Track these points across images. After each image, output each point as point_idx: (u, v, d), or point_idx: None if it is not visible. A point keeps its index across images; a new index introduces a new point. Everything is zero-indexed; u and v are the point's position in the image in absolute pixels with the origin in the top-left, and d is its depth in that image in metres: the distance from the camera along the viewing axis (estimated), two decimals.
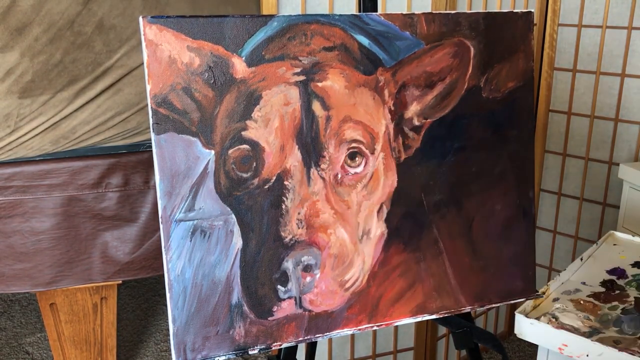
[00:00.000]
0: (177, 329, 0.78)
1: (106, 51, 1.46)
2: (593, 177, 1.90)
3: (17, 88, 1.37)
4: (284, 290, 0.82)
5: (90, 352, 1.65)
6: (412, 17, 0.84)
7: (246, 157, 0.78)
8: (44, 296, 1.55)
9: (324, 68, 0.80)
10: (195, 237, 0.78)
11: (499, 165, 0.93)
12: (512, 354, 2.02)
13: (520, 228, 0.96)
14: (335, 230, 0.83)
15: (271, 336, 0.82)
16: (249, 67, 0.77)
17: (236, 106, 0.77)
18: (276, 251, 0.81)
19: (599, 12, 1.79)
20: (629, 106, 1.79)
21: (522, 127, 0.94)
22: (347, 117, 0.82)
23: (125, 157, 1.52)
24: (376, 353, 1.78)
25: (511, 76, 0.92)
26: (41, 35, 1.37)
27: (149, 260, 1.58)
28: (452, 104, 0.88)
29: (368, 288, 0.86)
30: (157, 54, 0.73)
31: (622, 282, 1.07)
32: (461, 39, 0.87)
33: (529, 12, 0.92)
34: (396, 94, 0.85)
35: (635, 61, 1.76)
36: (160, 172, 0.75)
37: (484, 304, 0.94)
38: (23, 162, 1.44)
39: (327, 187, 0.82)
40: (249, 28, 0.76)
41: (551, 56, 1.88)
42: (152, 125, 0.74)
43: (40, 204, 1.45)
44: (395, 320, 0.88)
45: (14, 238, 1.45)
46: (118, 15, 1.47)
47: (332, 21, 0.80)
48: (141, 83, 1.50)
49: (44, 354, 2.08)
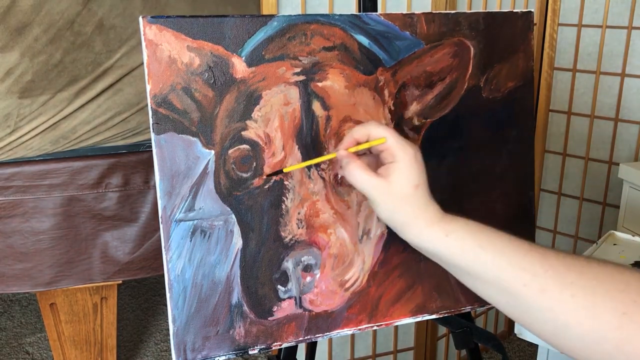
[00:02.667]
0: (177, 329, 0.78)
1: (106, 51, 1.46)
2: (593, 177, 1.90)
3: (17, 88, 1.37)
4: (284, 290, 0.82)
5: (90, 352, 1.65)
6: (412, 17, 0.84)
7: (246, 157, 0.78)
8: (44, 296, 1.55)
9: (324, 68, 0.80)
10: (195, 237, 0.78)
11: (499, 165, 0.93)
12: (512, 354, 2.02)
13: (520, 228, 0.96)
14: (335, 230, 0.83)
15: (271, 336, 0.82)
16: (249, 67, 0.77)
17: (236, 106, 0.77)
18: (276, 251, 0.81)
19: (599, 11, 1.79)
20: (629, 106, 1.79)
21: (522, 127, 0.94)
22: (347, 117, 0.82)
23: (125, 157, 1.52)
24: (376, 353, 1.78)
25: (511, 76, 0.92)
26: (41, 35, 1.37)
27: (149, 260, 1.58)
28: (452, 103, 0.88)
29: (368, 288, 0.86)
30: (157, 54, 0.73)
31: None
32: (461, 39, 0.87)
33: (529, 12, 0.92)
34: (396, 94, 0.85)
35: (635, 61, 1.76)
36: (160, 172, 0.75)
37: (484, 303, 0.94)
38: (23, 162, 1.44)
39: (327, 187, 0.82)
40: (249, 28, 0.76)
41: (551, 56, 1.88)
42: (152, 125, 0.74)
43: (40, 204, 1.45)
44: (395, 320, 0.88)
45: (14, 238, 1.45)
46: (118, 15, 1.47)
47: (332, 21, 0.80)
48: (141, 83, 1.50)
49: (44, 354, 2.08)
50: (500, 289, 0.62)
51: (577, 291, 0.57)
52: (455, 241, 0.65)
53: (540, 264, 0.60)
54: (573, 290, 0.57)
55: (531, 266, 0.60)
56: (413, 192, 0.67)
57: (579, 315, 0.56)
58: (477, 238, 0.64)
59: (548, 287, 0.58)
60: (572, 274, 0.58)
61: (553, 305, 0.58)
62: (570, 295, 0.57)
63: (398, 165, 0.68)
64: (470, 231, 0.65)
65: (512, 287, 0.61)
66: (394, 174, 0.67)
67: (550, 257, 0.60)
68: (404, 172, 0.67)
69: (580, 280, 0.57)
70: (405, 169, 0.67)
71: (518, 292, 0.60)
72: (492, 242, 0.63)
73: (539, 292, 0.59)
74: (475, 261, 0.63)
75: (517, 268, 0.60)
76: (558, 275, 0.58)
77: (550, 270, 0.59)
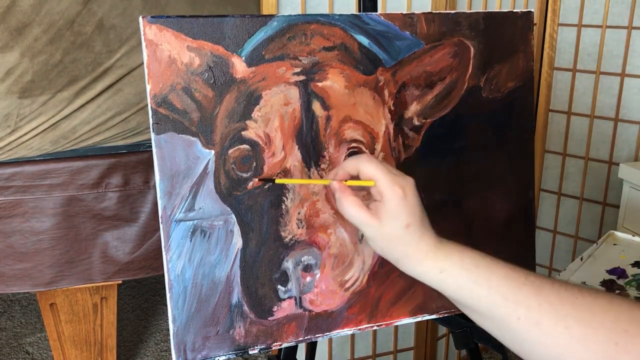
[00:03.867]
0: (177, 329, 0.78)
1: (106, 51, 1.46)
2: (593, 177, 1.90)
3: (17, 88, 1.37)
4: (284, 290, 0.82)
5: (90, 352, 1.65)
6: (412, 17, 0.84)
7: (246, 157, 0.78)
8: (44, 296, 1.55)
9: (324, 68, 0.80)
10: (195, 237, 0.78)
11: (499, 165, 0.93)
12: (512, 354, 2.02)
13: (520, 228, 0.96)
14: (335, 230, 0.83)
15: (271, 336, 0.82)
16: (249, 67, 0.77)
17: (236, 106, 0.77)
18: (276, 251, 0.81)
19: (599, 12, 1.79)
20: (629, 106, 1.79)
21: (522, 127, 0.94)
22: (347, 117, 0.82)
23: (125, 157, 1.52)
24: (376, 353, 1.78)
25: (511, 76, 0.92)
26: (41, 35, 1.37)
27: (149, 260, 1.58)
28: (452, 103, 0.88)
29: (368, 288, 0.86)
30: (157, 54, 0.73)
31: (622, 282, 1.07)
32: (461, 39, 0.87)
33: (529, 12, 0.92)
34: (396, 94, 0.85)
35: (635, 61, 1.75)
36: (160, 172, 0.75)
37: None
38: (23, 162, 1.44)
39: (327, 187, 0.82)
40: (249, 28, 0.76)
41: (551, 56, 1.88)
42: (152, 125, 0.74)
43: (40, 204, 1.45)
44: (395, 320, 0.88)
45: (14, 238, 1.45)
46: (118, 15, 1.47)
47: (332, 21, 0.80)
48: (141, 83, 1.50)
49: (44, 354, 2.08)
50: (494, 321, 0.63)
51: (571, 323, 0.58)
52: (449, 278, 0.65)
53: (535, 298, 0.60)
54: (567, 322, 0.58)
55: (525, 300, 0.61)
56: (403, 233, 0.67)
57: (573, 347, 0.57)
58: (472, 274, 0.64)
59: (542, 320, 0.59)
60: (566, 307, 0.59)
61: (547, 338, 0.59)
62: (564, 327, 0.58)
63: (386, 207, 0.67)
64: (464, 267, 0.65)
65: (506, 321, 0.62)
66: (384, 216, 0.67)
67: (544, 290, 0.61)
68: (393, 214, 0.67)
69: (574, 312, 0.58)
70: (394, 210, 0.67)
71: (513, 326, 0.61)
72: (486, 277, 0.63)
73: (533, 325, 0.60)
74: (470, 297, 0.64)
75: (511, 302, 0.61)
76: (552, 308, 0.59)
77: (544, 304, 0.60)
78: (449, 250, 0.67)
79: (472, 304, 0.64)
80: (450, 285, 0.65)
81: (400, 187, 0.67)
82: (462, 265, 0.65)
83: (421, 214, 0.68)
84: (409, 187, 0.68)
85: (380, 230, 0.67)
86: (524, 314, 0.60)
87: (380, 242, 0.68)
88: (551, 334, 0.59)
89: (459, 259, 0.66)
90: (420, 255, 0.67)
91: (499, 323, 0.63)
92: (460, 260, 0.66)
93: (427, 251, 0.67)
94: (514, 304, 0.61)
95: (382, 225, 0.67)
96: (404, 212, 0.67)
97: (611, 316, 0.57)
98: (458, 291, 0.65)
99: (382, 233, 0.67)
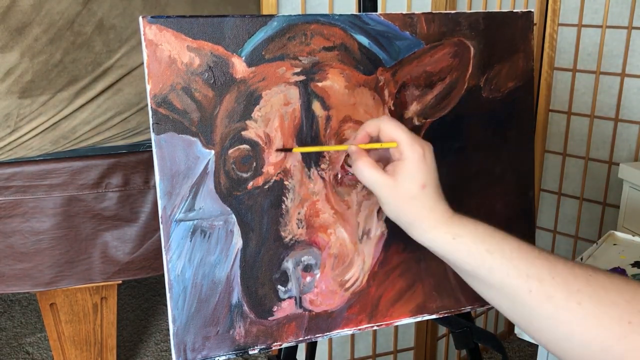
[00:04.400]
0: (177, 329, 0.78)
1: (106, 51, 1.46)
2: (593, 177, 1.90)
3: (17, 88, 1.37)
4: (284, 290, 0.82)
5: (90, 352, 1.65)
6: (412, 17, 0.84)
7: (246, 157, 0.78)
8: (44, 296, 1.55)
9: (324, 68, 0.80)
10: (195, 237, 0.78)
11: (499, 165, 0.93)
12: (512, 354, 2.02)
13: (520, 228, 0.96)
14: (335, 230, 0.83)
15: (271, 336, 0.82)
16: (249, 67, 0.77)
17: (236, 106, 0.77)
18: (276, 251, 0.81)
19: (599, 12, 1.79)
20: (629, 106, 1.79)
21: (522, 127, 0.94)
22: (347, 117, 0.82)
23: (125, 157, 1.52)
24: (376, 353, 1.78)
25: (511, 76, 0.92)
26: (41, 35, 1.37)
27: (149, 260, 1.58)
28: (452, 103, 0.88)
29: (368, 288, 0.86)
30: (157, 54, 0.73)
31: None
32: (461, 39, 0.87)
33: (529, 12, 0.92)
34: (396, 94, 0.85)
35: (635, 61, 1.76)
36: (160, 172, 0.75)
37: (484, 303, 0.94)
38: (23, 162, 1.44)
39: (327, 187, 0.82)
40: (248, 28, 0.76)
41: (551, 56, 1.88)
42: (152, 125, 0.74)
43: (40, 204, 1.45)
44: (395, 320, 0.88)
45: (14, 238, 1.45)
46: (118, 15, 1.47)
47: (332, 21, 0.80)
48: (141, 83, 1.50)
49: (44, 354, 2.08)
50: (504, 294, 0.62)
51: (583, 299, 0.56)
52: (462, 245, 0.64)
53: (547, 271, 0.59)
54: (579, 298, 0.57)
55: (538, 273, 0.59)
56: (419, 193, 0.66)
57: (585, 323, 0.56)
58: (485, 242, 0.63)
59: (554, 294, 0.58)
60: (579, 282, 0.58)
61: (559, 312, 0.57)
62: (576, 303, 0.57)
63: (405, 164, 0.67)
64: (478, 235, 0.64)
65: (517, 294, 0.60)
66: (401, 174, 0.67)
67: (558, 265, 0.60)
68: (411, 172, 0.66)
69: (587, 289, 0.57)
70: (412, 168, 0.66)
71: (523, 299, 0.60)
72: (500, 247, 0.62)
73: (545, 299, 0.58)
74: (482, 266, 0.63)
75: (524, 274, 0.60)
76: (565, 283, 0.58)
77: (557, 278, 0.58)
78: (463, 219, 0.66)
79: (483, 275, 0.63)
80: (462, 252, 0.64)
81: (420, 146, 0.67)
82: (477, 233, 0.64)
83: (437, 180, 0.68)
84: (428, 150, 0.68)
85: (395, 190, 0.67)
86: (535, 287, 0.59)
87: (393, 203, 0.67)
88: (563, 308, 0.57)
89: (474, 228, 0.65)
90: (433, 221, 0.66)
91: (510, 296, 0.61)
92: (475, 228, 0.65)
93: (441, 217, 0.66)
94: (527, 276, 0.60)
95: (398, 184, 0.66)
96: (421, 171, 0.66)
97: (626, 295, 0.55)
98: (469, 260, 0.64)
99: (397, 193, 0.67)
